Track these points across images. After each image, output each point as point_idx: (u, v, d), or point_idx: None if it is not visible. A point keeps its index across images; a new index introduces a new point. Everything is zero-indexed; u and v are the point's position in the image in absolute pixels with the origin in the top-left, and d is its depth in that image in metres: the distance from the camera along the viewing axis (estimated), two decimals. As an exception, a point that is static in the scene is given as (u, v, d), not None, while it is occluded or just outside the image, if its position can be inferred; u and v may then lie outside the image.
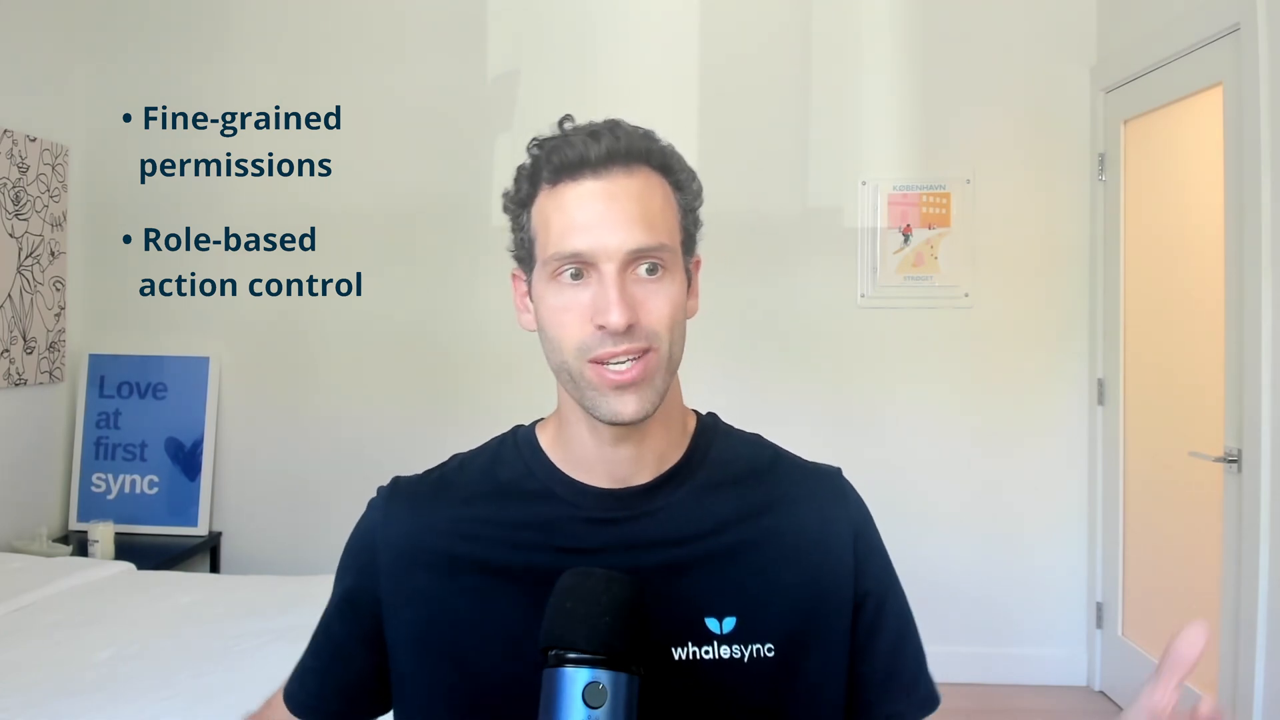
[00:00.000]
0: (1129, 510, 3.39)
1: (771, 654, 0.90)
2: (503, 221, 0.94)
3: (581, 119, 0.90)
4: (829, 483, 1.00)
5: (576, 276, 0.85)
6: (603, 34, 3.68)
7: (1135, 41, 3.26)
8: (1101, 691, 3.49)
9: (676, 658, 0.89)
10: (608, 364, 0.85)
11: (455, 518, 0.94)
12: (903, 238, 3.60)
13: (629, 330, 0.83)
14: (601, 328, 0.84)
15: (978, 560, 3.60)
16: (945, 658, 3.52)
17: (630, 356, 0.84)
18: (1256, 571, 2.54)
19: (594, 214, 0.85)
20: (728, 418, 1.03)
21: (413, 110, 3.70)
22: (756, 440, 1.02)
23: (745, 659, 0.89)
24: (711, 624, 0.90)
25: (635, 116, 0.93)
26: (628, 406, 0.85)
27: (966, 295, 3.60)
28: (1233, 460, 2.68)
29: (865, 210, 3.62)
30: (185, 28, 3.74)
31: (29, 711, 1.85)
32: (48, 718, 1.83)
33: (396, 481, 1.00)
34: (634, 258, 0.85)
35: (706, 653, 0.89)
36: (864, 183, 3.62)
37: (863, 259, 3.63)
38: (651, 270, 0.86)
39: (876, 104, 3.65)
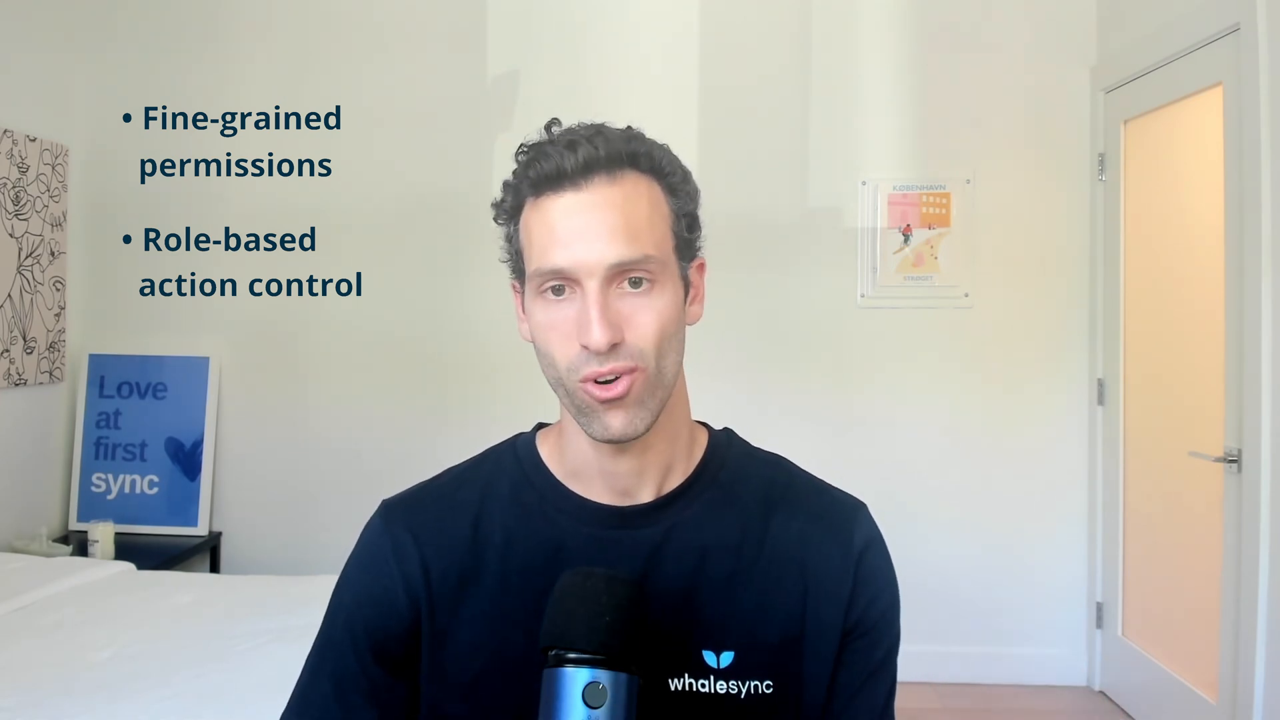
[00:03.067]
0: (1129, 510, 3.39)
1: (770, 691, 0.87)
2: (503, 223, 0.92)
3: (581, 120, 0.88)
4: (844, 513, 0.95)
5: (559, 292, 0.83)
6: (602, 34, 3.68)
7: (1135, 42, 3.26)
8: (1101, 691, 3.49)
9: (672, 688, 0.87)
10: (596, 380, 0.83)
11: (459, 540, 0.91)
12: (903, 238, 3.60)
13: (614, 349, 0.81)
14: (586, 347, 0.81)
15: (978, 560, 3.59)
16: (945, 658, 3.54)
17: (617, 375, 0.82)
18: (1256, 571, 2.54)
19: (574, 228, 0.81)
20: (726, 419, 1.01)
21: (413, 110, 3.70)
22: (775, 462, 0.98)
23: (742, 695, 0.87)
24: (709, 657, 0.87)
25: (634, 117, 0.92)
26: (615, 421, 0.82)
27: (966, 295, 3.59)
28: (1233, 460, 2.67)
29: (865, 210, 3.62)
30: (185, 27, 3.74)
31: (29, 711, 1.85)
32: (47, 717, 1.83)
33: (389, 505, 0.95)
34: (617, 271, 0.81)
35: (703, 686, 0.87)
36: (864, 183, 3.62)
37: (863, 259, 3.63)
38: (636, 283, 0.82)
39: (876, 104, 3.65)
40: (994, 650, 3.56)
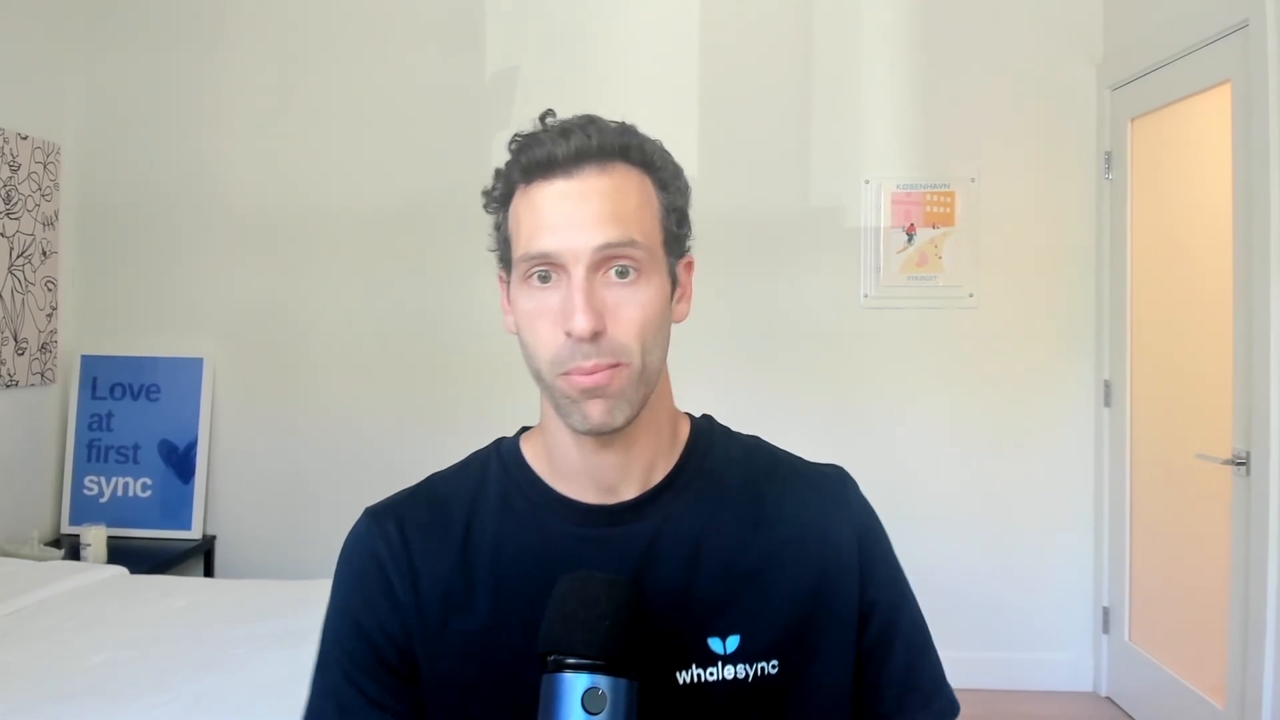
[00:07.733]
0: (1136, 513, 3.36)
1: (775, 670, 0.88)
2: (501, 221, 0.92)
3: (578, 114, 0.87)
4: (830, 485, 0.96)
5: (545, 279, 0.83)
6: (603, 32, 3.66)
7: (1142, 38, 3.24)
8: (1108, 697, 3.46)
9: (681, 682, 0.86)
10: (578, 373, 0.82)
11: (451, 546, 0.90)
12: (906, 237, 3.57)
13: (596, 340, 0.80)
14: (569, 334, 0.81)
15: (983, 564, 3.56)
16: (951, 663, 3.46)
17: (598, 370, 0.82)
18: (1265, 575, 2.52)
19: (562, 214, 0.82)
20: (729, 419, 1.00)
21: (411, 109, 3.67)
22: (755, 444, 0.99)
23: (750, 678, 0.87)
24: (714, 644, 0.87)
25: (635, 116, 0.90)
26: (595, 410, 0.82)
27: (971, 295, 3.57)
28: (1241, 463, 2.65)
29: (868, 209, 3.59)
30: (179, 24, 3.71)
31: (21, 717, 1.83)
32: (37, 724, 1.81)
33: (376, 511, 0.93)
34: (603, 257, 0.81)
35: (711, 674, 0.87)
36: (867, 182, 3.59)
37: (865, 259, 3.60)
38: (623, 273, 0.82)
39: (879, 102, 3.62)
40: (999, 655, 3.53)
